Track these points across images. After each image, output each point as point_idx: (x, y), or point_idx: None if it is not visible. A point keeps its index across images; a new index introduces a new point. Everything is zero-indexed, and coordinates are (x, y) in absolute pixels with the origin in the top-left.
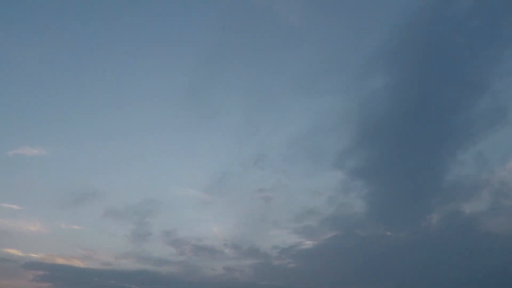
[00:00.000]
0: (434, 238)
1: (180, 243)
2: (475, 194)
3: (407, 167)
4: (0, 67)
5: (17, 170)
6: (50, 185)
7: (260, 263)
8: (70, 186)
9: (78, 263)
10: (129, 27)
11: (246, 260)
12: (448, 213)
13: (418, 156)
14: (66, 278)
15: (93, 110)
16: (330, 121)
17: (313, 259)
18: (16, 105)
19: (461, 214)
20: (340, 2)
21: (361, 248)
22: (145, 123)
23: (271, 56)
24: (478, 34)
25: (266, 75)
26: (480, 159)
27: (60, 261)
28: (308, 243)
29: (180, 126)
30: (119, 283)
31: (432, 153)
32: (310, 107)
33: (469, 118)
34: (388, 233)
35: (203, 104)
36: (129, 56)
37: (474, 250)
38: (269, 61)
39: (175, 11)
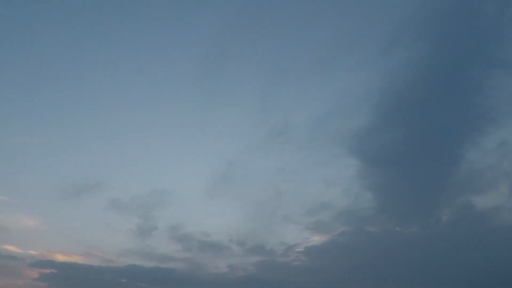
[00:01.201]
0: (445, 232)
1: (187, 238)
2: (493, 186)
3: (424, 154)
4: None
5: (13, 159)
6: (48, 175)
7: (265, 261)
8: (70, 176)
9: (78, 260)
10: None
11: (252, 257)
12: (464, 205)
13: (436, 141)
14: (66, 276)
15: (97, 96)
16: (350, 101)
17: (321, 256)
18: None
19: (474, 207)
20: None
21: (371, 244)
22: (153, 109)
23: (291, 31)
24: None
25: (284, 51)
26: (502, 147)
27: (60, 258)
28: (317, 239)
29: (191, 110)
30: (122, 281)
31: (451, 138)
32: (329, 86)
33: (494, 101)
34: (398, 229)
35: (217, 84)
36: (140, 34)
37: (487, 244)
38: (288, 36)
39: None
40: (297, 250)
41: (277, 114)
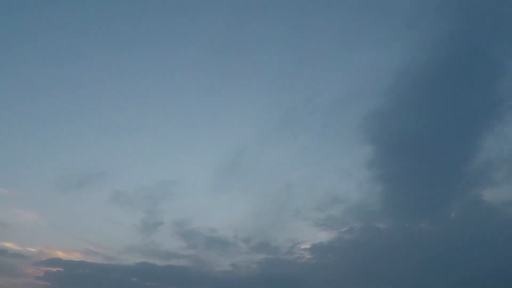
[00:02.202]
0: (455, 228)
1: (192, 234)
2: (510, 178)
3: (439, 142)
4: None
5: (11, 149)
6: (48, 165)
7: (270, 259)
8: (72, 166)
9: (79, 257)
10: None
11: (257, 255)
12: (475, 199)
13: (453, 128)
14: (66, 275)
15: (100, 80)
16: (369, 82)
17: (328, 254)
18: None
19: (484, 202)
20: None
21: (379, 241)
22: (160, 93)
23: (313, 4)
24: None
25: (305, 27)
26: None
27: (60, 255)
28: (325, 236)
29: (199, 96)
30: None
31: (468, 125)
32: (350, 64)
33: None
34: (407, 225)
35: (230, 63)
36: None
37: (498, 239)
38: (310, 10)
39: None
40: (304, 247)
41: (293, 96)
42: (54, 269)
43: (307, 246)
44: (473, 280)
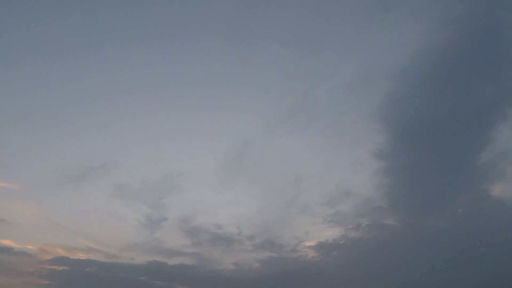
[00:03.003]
0: (464, 224)
1: (197, 231)
2: None
3: (452, 132)
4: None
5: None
6: (48, 156)
7: (276, 257)
8: (72, 157)
9: (80, 255)
10: None
11: (262, 253)
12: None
13: (467, 118)
14: (67, 273)
15: (103, 69)
16: (384, 65)
17: (335, 252)
18: None
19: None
20: None
21: (385, 239)
22: (165, 82)
23: None
24: None
25: (315, 10)
26: None
27: (60, 252)
28: (332, 234)
29: (206, 82)
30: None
31: (483, 115)
32: (362, 48)
33: None
34: (414, 221)
35: (239, 45)
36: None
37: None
38: None
39: None
40: (309, 245)
41: (303, 83)
42: (54, 267)
43: (313, 243)
44: (481, 277)
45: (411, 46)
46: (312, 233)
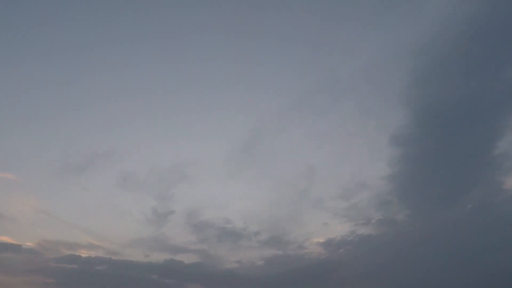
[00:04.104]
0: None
1: (204, 226)
2: None
3: (473, 117)
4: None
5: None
6: (47, 143)
7: (279, 255)
8: (74, 144)
9: (82, 252)
10: None
11: (268, 250)
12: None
13: (483, 107)
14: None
15: (111, 53)
16: (406, 42)
17: (342, 249)
18: None
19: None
20: None
21: (394, 235)
22: (172, 67)
23: None
24: None
25: None
26: None
27: (61, 249)
28: (339, 230)
29: (216, 68)
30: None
31: (501, 104)
32: (386, 21)
33: None
34: (425, 216)
35: (256, 21)
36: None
37: None
38: None
39: None
40: (317, 241)
41: (318, 66)
42: (53, 265)
43: (321, 240)
44: (491, 274)
45: (435, 19)
46: (322, 229)
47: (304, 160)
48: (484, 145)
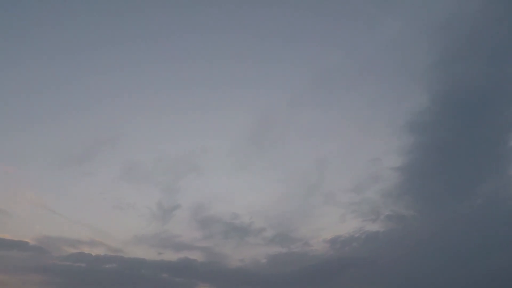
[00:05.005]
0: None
1: (210, 221)
2: None
3: (494, 100)
4: None
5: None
6: (47, 131)
7: (282, 253)
8: (76, 131)
9: (84, 248)
10: None
11: (272, 247)
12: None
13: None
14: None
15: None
16: (426, 18)
17: (344, 247)
18: None
19: None
20: None
21: (402, 232)
22: (189, 48)
23: None
24: None
25: None
26: None
27: (60, 246)
28: (346, 226)
29: (225, 46)
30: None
31: None
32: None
33: None
34: (434, 213)
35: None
36: None
37: None
38: None
39: None
40: (323, 238)
41: (339, 44)
42: (54, 263)
43: (328, 237)
44: (502, 271)
45: None
46: (330, 225)
47: (315, 151)
48: (499, 136)
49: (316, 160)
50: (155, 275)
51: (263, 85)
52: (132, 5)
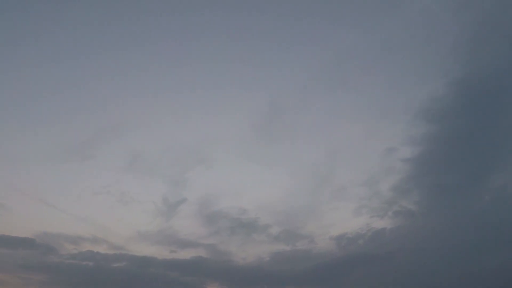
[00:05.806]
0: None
1: (217, 216)
2: None
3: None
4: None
5: None
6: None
7: (286, 251)
8: (77, 121)
9: (86, 246)
10: None
11: (278, 245)
12: None
13: None
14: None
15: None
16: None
17: (350, 245)
18: None
19: None
20: None
21: (409, 230)
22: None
23: None
24: None
25: None
26: None
27: (64, 245)
28: (354, 223)
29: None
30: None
31: None
32: None
33: None
34: (443, 210)
35: None
36: None
37: None
38: None
39: None
40: (330, 235)
41: (355, 23)
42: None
43: (334, 234)
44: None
45: None
46: (339, 221)
47: (326, 141)
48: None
49: (327, 151)
50: (164, 274)
51: (275, 70)
52: (134, 8)
